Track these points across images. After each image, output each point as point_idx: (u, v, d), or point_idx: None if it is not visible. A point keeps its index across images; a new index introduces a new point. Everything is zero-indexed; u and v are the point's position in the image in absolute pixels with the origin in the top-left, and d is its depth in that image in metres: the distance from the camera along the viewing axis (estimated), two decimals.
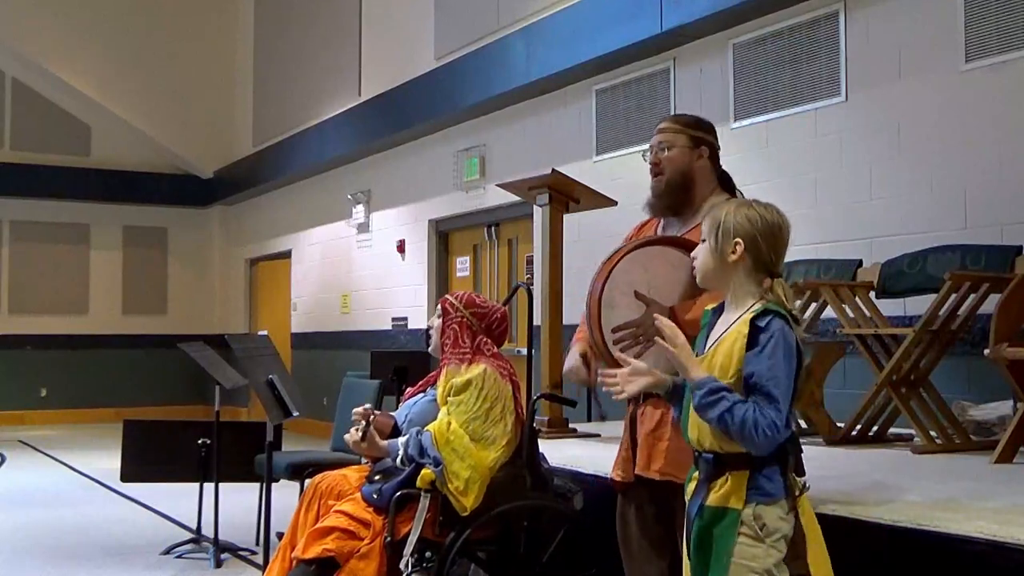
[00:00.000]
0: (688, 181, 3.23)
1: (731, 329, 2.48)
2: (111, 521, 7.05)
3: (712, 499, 2.45)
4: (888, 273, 5.17)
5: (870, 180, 6.03)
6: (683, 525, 3.06)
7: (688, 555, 2.53)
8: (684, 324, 2.96)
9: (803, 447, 2.61)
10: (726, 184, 3.31)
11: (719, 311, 2.59)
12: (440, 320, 3.92)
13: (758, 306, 2.46)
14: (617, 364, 2.99)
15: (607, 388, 2.61)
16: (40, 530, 6.71)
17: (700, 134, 3.27)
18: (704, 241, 2.57)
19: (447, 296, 3.99)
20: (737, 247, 2.49)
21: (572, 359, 3.31)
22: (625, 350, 2.97)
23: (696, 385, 2.41)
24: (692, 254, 2.63)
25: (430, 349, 4.02)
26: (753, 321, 2.43)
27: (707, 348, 2.53)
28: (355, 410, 3.85)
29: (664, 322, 2.52)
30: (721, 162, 3.35)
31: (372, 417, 3.81)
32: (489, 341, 3.87)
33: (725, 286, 2.55)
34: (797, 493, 2.46)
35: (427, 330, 4.03)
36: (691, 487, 2.54)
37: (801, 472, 2.52)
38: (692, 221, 3.23)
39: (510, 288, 8.83)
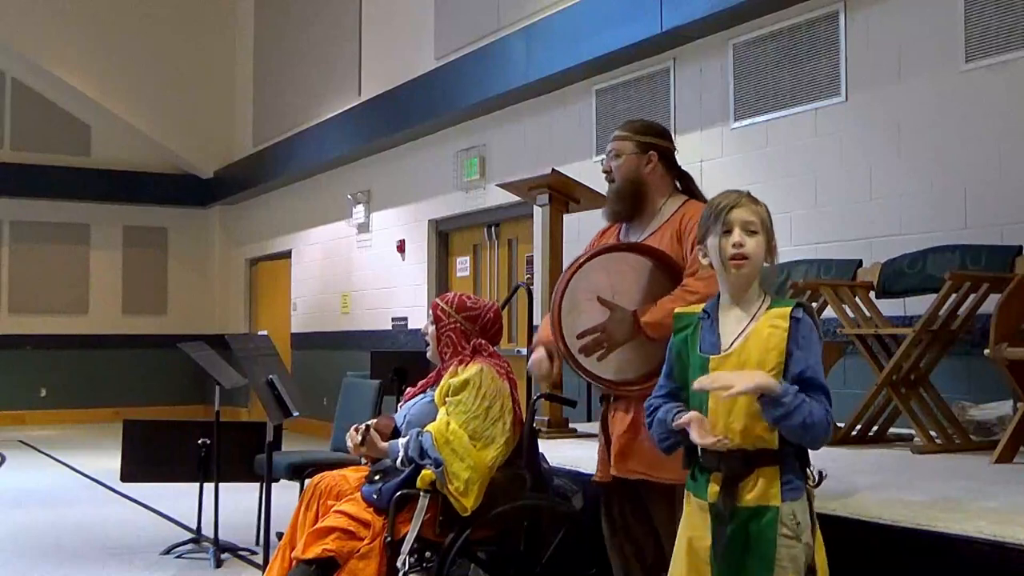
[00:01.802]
0: (638, 187, 3.27)
1: (757, 322, 2.46)
2: (111, 521, 7.04)
3: (747, 498, 2.41)
4: (888, 273, 5.17)
5: (870, 180, 6.03)
6: (665, 523, 3.11)
7: (712, 558, 2.45)
8: (646, 327, 3.04)
9: None
10: (686, 186, 3.34)
11: (715, 308, 2.54)
12: (434, 327, 3.91)
13: (769, 301, 2.49)
14: (581, 367, 3.10)
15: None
16: (40, 530, 6.71)
17: (648, 139, 3.31)
18: (754, 233, 2.49)
19: (437, 301, 3.97)
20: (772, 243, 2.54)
21: (537, 353, 3.35)
22: (590, 355, 3.07)
23: (782, 392, 2.33)
24: (736, 243, 2.50)
25: (428, 355, 4.02)
26: (792, 315, 2.44)
27: (732, 344, 2.46)
28: (350, 432, 3.85)
29: (706, 380, 2.41)
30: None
31: (371, 422, 3.82)
32: (484, 342, 3.88)
33: (755, 280, 2.53)
34: (813, 484, 2.47)
35: (424, 336, 4.02)
36: (713, 488, 2.45)
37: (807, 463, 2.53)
38: (652, 225, 3.30)
39: (510, 288, 8.83)
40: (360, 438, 3.73)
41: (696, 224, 2.84)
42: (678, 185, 3.38)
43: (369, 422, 3.84)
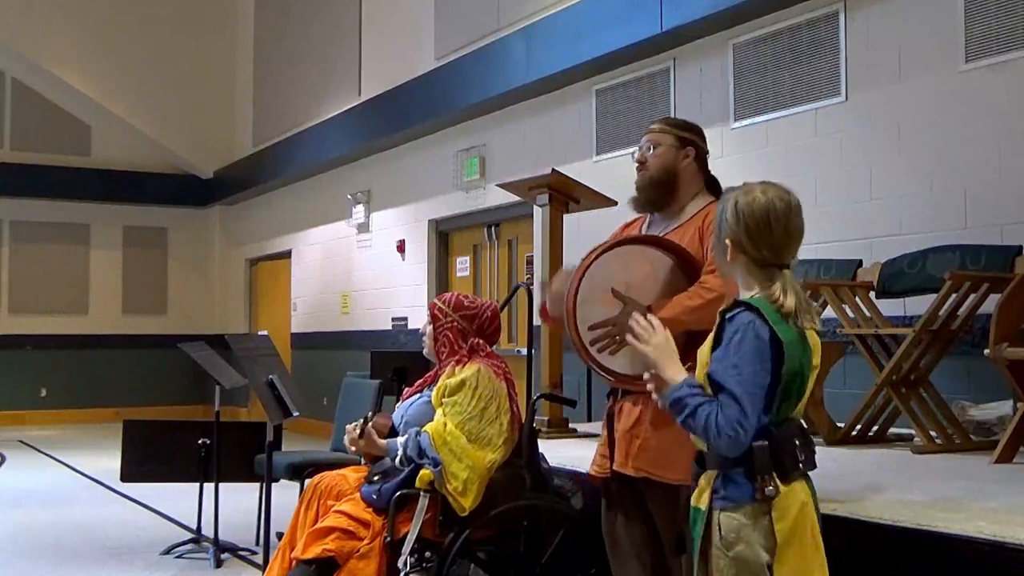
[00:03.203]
0: (672, 178, 3.26)
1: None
2: (111, 521, 7.04)
3: (692, 496, 2.41)
4: (888, 273, 5.17)
5: (870, 180, 6.03)
6: (666, 525, 3.10)
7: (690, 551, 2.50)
8: (662, 323, 3.01)
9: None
10: (713, 188, 3.32)
11: None
12: (431, 326, 3.92)
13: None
14: (593, 360, 3.04)
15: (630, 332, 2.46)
16: (40, 530, 6.71)
17: (687, 135, 3.32)
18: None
19: (435, 301, 3.98)
20: (727, 244, 2.45)
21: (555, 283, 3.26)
22: (602, 349, 3.01)
23: (664, 394, 2.35)
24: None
25: (424, 352, 4.03)
26: (722, 314, 2.37)
27: None
28: (348, 427, 3.86)
29: (639, 321, 2.45)
30: (712, 165, 3.38)
31: (370, 415, 3.83)
32: (482, 341, 3.88)
33: (735, 281, 2.50)
34: (760, 498, 2.28)
35: (422, 335, 4.03)
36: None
37: (811, 466, 2.38)
38: (676, 221, 3.25)
39: (510, 288, 8.83)
40: (358, 432, 3.74)
41: None
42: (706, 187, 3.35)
43: (368, 415, 3.85)
